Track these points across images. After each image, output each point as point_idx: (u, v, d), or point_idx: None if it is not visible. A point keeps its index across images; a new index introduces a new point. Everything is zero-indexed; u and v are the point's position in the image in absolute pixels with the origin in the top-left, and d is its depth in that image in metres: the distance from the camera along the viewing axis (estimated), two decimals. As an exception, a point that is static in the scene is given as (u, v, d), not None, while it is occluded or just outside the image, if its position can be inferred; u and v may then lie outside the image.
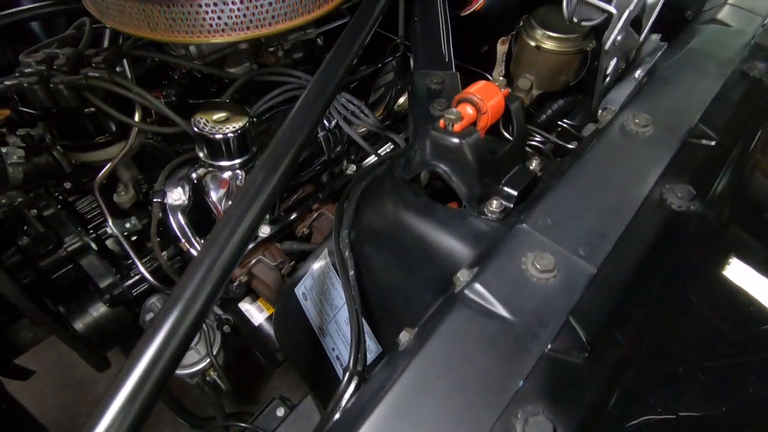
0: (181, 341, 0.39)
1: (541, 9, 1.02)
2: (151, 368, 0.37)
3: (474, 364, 0.37)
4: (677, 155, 0.51)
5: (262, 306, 1.03)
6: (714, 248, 0.45)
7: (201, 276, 0.42)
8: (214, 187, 0.80)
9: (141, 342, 0.38)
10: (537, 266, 0.42)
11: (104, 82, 0.74)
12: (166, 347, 0.38)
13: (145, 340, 0.38)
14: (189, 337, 0.40)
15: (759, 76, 0.61)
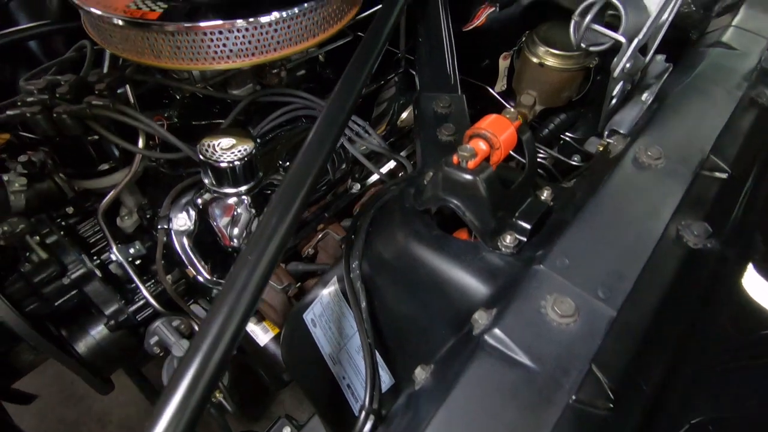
0: (208, 383, 0.38)
1: (543, 26, 1.03)
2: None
3: (499, 417, 0.37)
4: (690, 189, 0.51)
5: (268, 326, 1.02)
6: (734, 286, 0.45)
7: (222, 320, 0.41)
8: (219, 213, 0.79)
9: (167, 392, 0.38)
10: (557, 311, 0.42)
11: (109, 111, 0.73)
12: (191, 396, 0.37)
13: (171, 389, 0.38)
14: (216, 377, 0.39)
15: (758, 104, 0.61)
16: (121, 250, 0.85)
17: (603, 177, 0.54)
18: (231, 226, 0.80)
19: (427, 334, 0.58)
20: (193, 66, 0.74)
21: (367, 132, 0.94)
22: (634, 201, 0.51)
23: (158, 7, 0.70)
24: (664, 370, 0.40)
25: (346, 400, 0.72)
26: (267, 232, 0.47)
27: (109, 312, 0.87)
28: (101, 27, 0.73)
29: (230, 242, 0.80)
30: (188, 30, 0.68)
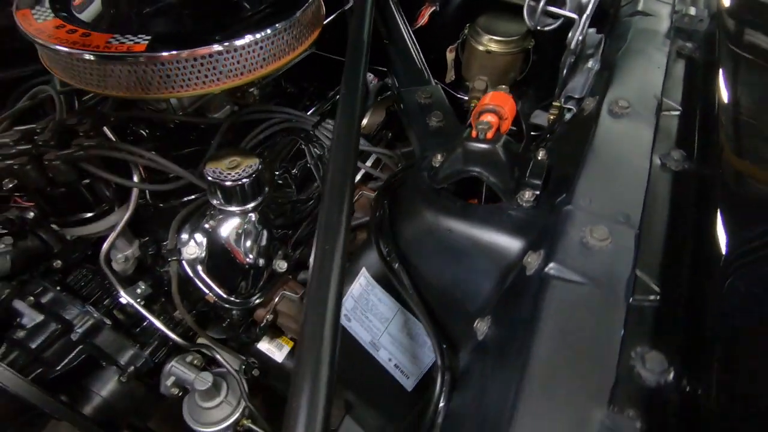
0: (328, 382, 0.41)
1: (481, 18, 1.14)
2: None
3: (581, 330, 0.44)
4: (658, 126, 0.63)
5: (282, 343, 1.03)
6: (713, 196, 0.56)
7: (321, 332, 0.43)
8: (230, 232, 0.80)
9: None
10: (596, 236, 0.50)
11: (107, 150, 0.71)
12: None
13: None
14: (332, 376, 0.42)
15: (690, 53, 0.76)
16: (129, 292, 0.82)
17: (588, 131, 0.64)
18: (243, 243, 0.81)
19: (470, 296, 0.64)
20: (183, 93, 0.74)
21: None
22: (620, 143, 0.61)
23: (141, 39, 0.70)
24: (686, 264, 0.50)
25: (399, 384, 0.76)
26: (328, 258, 0.49)
27: (126, 359, 0.84)
28: (78, 66, 0.71)
29: (245, 259, 0.81)
30: (180, 58, 0.69)
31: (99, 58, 0.68)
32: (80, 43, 0.69)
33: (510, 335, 0.51)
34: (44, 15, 0.75)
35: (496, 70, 1.15)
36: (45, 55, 0.75)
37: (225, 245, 0.80)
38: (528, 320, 0.46)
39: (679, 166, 0.58)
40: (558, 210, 0.55)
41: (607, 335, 0.43)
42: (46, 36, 0.70)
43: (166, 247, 0.82)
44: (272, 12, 0.78)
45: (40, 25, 0.73)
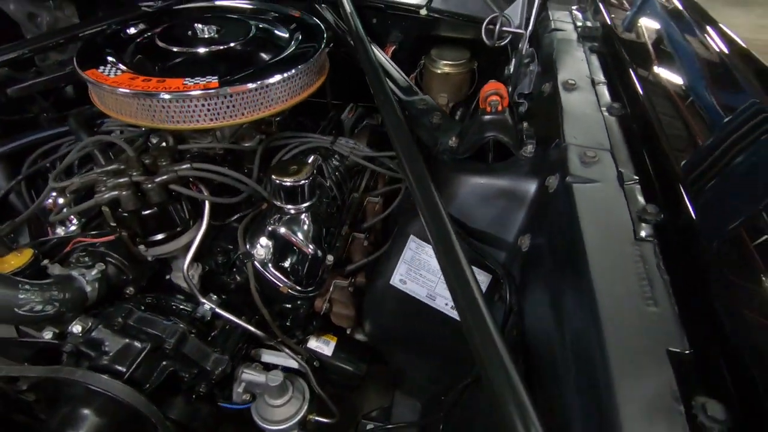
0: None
1: (433, 51, 1.45)
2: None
3: (605, 207, 0.67)
4: (597, 93, 0.93)
5: (328, 339, 1.15)
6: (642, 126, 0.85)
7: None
8: (295, 228, 0.95)
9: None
10: (588, 155, 0.75)
11: (199, 171, 0.85)
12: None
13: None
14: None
15: (596, 49, 1.10)
16: (209, 299, 0.92)
17: (555, 101, 0.91)
18: (305, 237, 0.96)
19: (506, 230, 0.86)
20: (237, 121, 0.91)
21: (357, 148, 1.19)
22: (578, 104, 0.89)
23: (210, 79, 0.87)
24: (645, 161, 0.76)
25: (452, 323, 0.93)
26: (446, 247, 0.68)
27: (211, 364, 0.91)
28: (157, 106, 0.86)
29: (308, 251, 0.96)
30: (249, 88, 0.86)
31: (179, 96, 0.84)
32: (158, 87, 0.84)
33: (551, 237, 0.73)
34: (114, 71, 0.89)
35: (453, 87, 1.45)
36: (117, 101, 0.88)
37: (290, 241, 0.95)
38: (567, 216, 0.69)
39: (619, 112, 0.87)
40: (557, 148, 0.80)
41: (617, 208, 0.67)
42: (127, 86, 0.84)
43: (236, 255, 0.94)
44: (295, 56, 0.99)
45: (116, 78, 0.86)
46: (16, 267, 0.86)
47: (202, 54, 0.97)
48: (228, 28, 1.05)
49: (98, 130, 1.18)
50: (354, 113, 1.55)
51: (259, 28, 1.07)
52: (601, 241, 0.63)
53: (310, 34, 1.08)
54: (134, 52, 1.00)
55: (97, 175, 0.82)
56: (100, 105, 0.93)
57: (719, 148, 0.72)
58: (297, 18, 1.16)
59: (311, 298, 1.02)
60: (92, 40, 1.04)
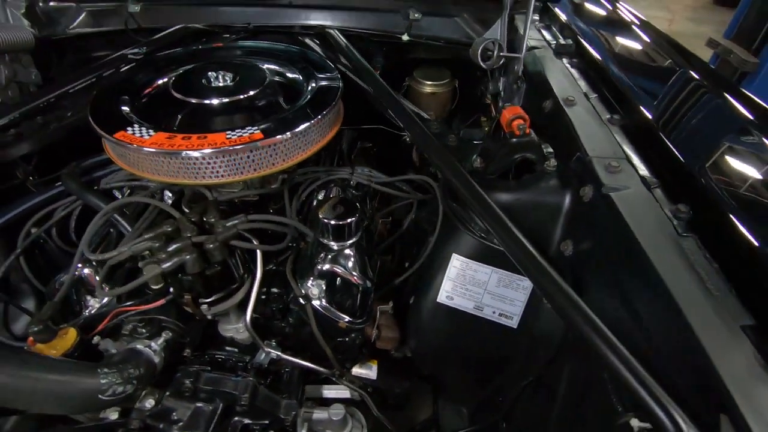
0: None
1: (417, 72, 1.53)
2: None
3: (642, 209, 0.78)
4: (593, 105, 1.05)
5: (370, 364, 1.18)
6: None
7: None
8: (347, 264, 0.97)
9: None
10: (614, 165, 0.87)
11: (249, 222, 0.84)
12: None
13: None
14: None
15: (578, 65, 1.23)
16: (271, 346, 0.92)
17: (561, 117, 1.02)
18: (356, 270, 0.98)
19: (543, 239, 0.95)
20: (277, 168, 0.92)
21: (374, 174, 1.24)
22: (583, 117, 1.01)
23: (248, 132, 0.87)
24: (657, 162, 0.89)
25: (508, 327, 1.01)
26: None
27: (283, 412, 0.91)
28: (202, 164, 0.84)
29: (361, 283, 0.99)
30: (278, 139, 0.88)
31: (226, 150, 0.83)
32: (203, 144, 0.83)
33: (601, 241, 0.83)
34: (146, 130, 0.86)
35: (438, 105, 1.54)
36: (155, 161, 0.85)
37: (342, 277, 0.97)
38: (614, 222, 0.79)
39: (619, 122, 1.00)
40: (582, 161, 0.91)
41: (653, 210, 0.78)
42: (168, 146, 0.82)
43: (289, 298, 0.95)
44: (320, 96, 1.01)
45: (153, 139, 0.84)
46: (64, 350, 0.81)
47: (227, 105, 0.96)
48: (241, 74, 1.04)
49: (99, 188, 1.12)
50: (345, 138, 1.58)
51: (271, 71, 1.07)
52: (652, 241, 0.74)
53: (320, 70, 1.10)
54: (154, 107, 0.96)
55: (148, 241, 0.79)
56: (129, 167, 0.89)
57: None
58: (300, 54, 1.18)
59: (363, 328, 1.04)
60: (103, 98, 0.99)
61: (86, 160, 1.18)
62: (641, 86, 1.09)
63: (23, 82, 1.34)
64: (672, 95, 1.03)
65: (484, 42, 1.18)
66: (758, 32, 2.20)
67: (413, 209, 1.29)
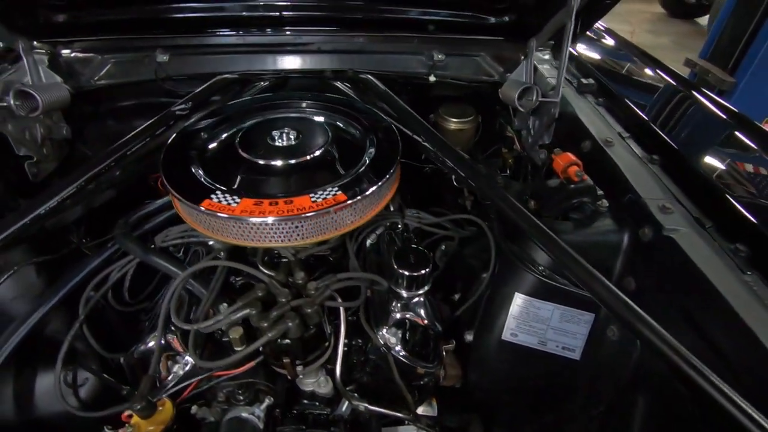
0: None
1: (443, 109, 1.59)
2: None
3: (705, 249, 0.86)
4: (631, 146, 1.14)
5: (430, 401, 1.22)
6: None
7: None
8: (421, 312, 1.00)
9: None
10: (668, 206, 0.94)
11: (338, 281, 0.87)
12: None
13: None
14: None
15: (605, 104, 1.32)
16: (357, 399, 0.94)
17: (605, 159, 1.10)
18: (430, 316, 1.02)
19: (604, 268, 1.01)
20: (356, 225, 0.95)
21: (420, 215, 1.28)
22: (625, 158, 1.09)
23: (331, 193, 0.90)
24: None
25: (563, 361, 1.07)
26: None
27: None
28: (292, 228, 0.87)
29: (435, 328, 1.02)
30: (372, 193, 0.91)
31: (314, 215, 0.86)
32: (293, 209, 0.85)
33: (660, 279, 0.90)
34: (230, 199, 0.87)
35: (463, 140, 1.60)
36: (244, 228, 0.86)
37: (417, 323, 1.00)
38: (682, 262, 0.86)
39: (659, 162, 1.09)
40: (636, 203, 0.98)
41: (714, 249, 0.86)
42: (258, 214, 0.84)
43: (369, 347, 0.98)
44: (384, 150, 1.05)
45: (241, 206, 0.85)
46: (164, 424, 0.81)
47: (298, 165, 0.98)
48: (303, 130, 1.07)
49: (156, 246, 1.12)
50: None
51: (329, 125, 1.11)
52: (720, 278, 0.81)
53: (371, 122, 1.14)
54: (225, 168, 0.98)
55: (245, 308, 0.81)
56: (214, 234, 0.90)
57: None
58: (347, 103, 1.22)
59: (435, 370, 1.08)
60: (172, 162, 0.99)
61: (132, 215, 1.18)
62: (672, 126, 1.19)
63: (55, 138, 1.32)
64: (705, 136, 1.12)
65: (521, 87, 1.26)
66: (732, 53, 2.38)
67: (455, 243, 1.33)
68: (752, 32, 2.23)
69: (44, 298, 0.97)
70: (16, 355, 0.89)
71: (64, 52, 1.40)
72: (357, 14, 1.48)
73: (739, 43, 2.34)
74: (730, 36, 2.42)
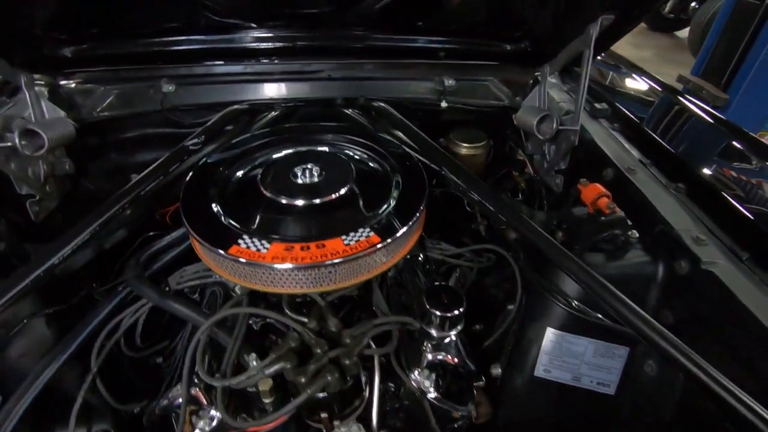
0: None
1: (454, 134, 1.57)
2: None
3: (746, 281, 0.85)
4: (654, 174, 1.13)
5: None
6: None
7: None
8: (453, 352, 0.97)
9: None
10: (702, 238, 0.93)
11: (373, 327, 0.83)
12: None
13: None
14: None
15: (621, 129, 1.32)
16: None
17: (630, 189, 1.09)
18: (464, 355, 0.98)
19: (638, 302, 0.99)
20: (387, 265, 0.92)
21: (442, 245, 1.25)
22: (650, 186, 1.08)
23: (363, 235, 0.86)
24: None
25: (598, 397, 1.04)
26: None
27: None
28: (324, 273, 0.83)
29: (465, 367, 0.99)
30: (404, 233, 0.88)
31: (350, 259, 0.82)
32: (326, 254, 0.82)
33: (700, 311, 0.88)
34: (260, 246, 0.83)
35: (476, 165, 1.58)
36: (275, 275, 0.82)
37: (450, 364, 0.97)
38: (723, 295, 0.84)
39: (685, 190, 1.08)
40: (669, 235, 0.96)
41: (753, 281, 0.85)
42: (291, 260, 0.80)
43: (402, 392, 0.93)
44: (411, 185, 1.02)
45: (272, 252, 0.81)
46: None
47: (325, 204, 0.95)
48: (325, 165, 1.04)
49: (170, 288, 1.07)
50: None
51: (354, 160, 1.07)
52: (763, 310, 0.80)
53: (393, 154, 1.11)
54: (248, 209, 0.93)
55: (279, 361, 0.76)
56: (241, 280, 0.86)
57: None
58: (367, 135, 1.19)
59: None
60: (195, 203, 0.95)
61: (142, 255, 1.13)
62: (692, 152, 1.19)
63: (58, 175, 1.26)
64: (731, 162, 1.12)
65: (539, 114, 1.25)
66: (725, 70, 2.44)
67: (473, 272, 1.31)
68: (744, 49, 2.29)
69: (56, 353, 0.90)
70: (30, 416, 0.83)
71: (64, 83, 1.35)
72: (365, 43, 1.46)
73: (731, 60, 2.40)
74: (722, 53, 2.47)
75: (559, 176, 1.38)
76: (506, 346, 1.15)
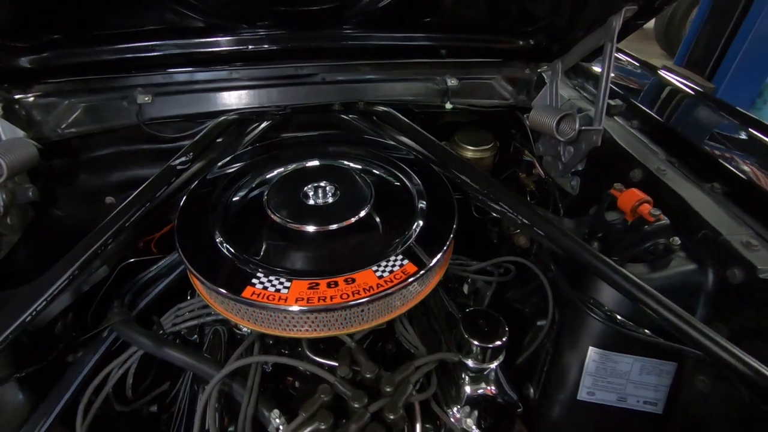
0: None
1: (459, 136, 1.47)
2: None
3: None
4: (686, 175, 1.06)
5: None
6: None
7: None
8: (494, 383, 0.87)
9: None
10: (753, 242, 0.86)
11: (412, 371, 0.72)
12: None
13: None
14: None
15: (640, 127, 1.25)
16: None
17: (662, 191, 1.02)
18: (504, 387, 0.89)
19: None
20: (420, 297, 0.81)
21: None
22: (685, 189, 1.01)
23: (397, 263, 0.75)
24: None
25: (645, 417, 0.97)
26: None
27: None
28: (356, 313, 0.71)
29: (507, 395, 0.89)
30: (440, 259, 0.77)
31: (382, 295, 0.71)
32: (358, 290, 0.70)
33: (759, 326, 0.81)
34: (277, 283, 0.71)
35: (483, 168, 1.49)
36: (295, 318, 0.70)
37: (492, 397, 0.87)
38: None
39: (722, 190, 1.01)
40: (716, 241, 0.89)
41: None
42: (318, 300, 0.68)
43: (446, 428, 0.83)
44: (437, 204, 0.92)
45: (294, 293, 0.69)
46: None
47: (346, 229, 0.83)
48: (338, 182, 0.91)
49: (165, 332, 0.93)
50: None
51: (370, 174, 0.96)
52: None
53: (411, 165, 1.01)
54: (255, 238, 0.80)
55: (313, 422, 0.64)
56: (257, 326, 0.73)
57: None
58: (376, 144, 1.08)
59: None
60: (195, 237, 0.81)
61: (126, 293, 0.98)
62: (718, 148, 1.13)
63: (20, 204, 1.09)
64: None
65: (558, 114, 1.16)
66: (709, 59, 2.44)
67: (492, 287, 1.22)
68: (728, 39, 2.30)
69: (34, 422, 0.76)
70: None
71: (21, 97, 1.18)
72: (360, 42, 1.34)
73: (715, 50, 2.40)
74: (705, 43, 2.48)
75: (576, 178, 1.30)
76: (539, 365, 1.06)
